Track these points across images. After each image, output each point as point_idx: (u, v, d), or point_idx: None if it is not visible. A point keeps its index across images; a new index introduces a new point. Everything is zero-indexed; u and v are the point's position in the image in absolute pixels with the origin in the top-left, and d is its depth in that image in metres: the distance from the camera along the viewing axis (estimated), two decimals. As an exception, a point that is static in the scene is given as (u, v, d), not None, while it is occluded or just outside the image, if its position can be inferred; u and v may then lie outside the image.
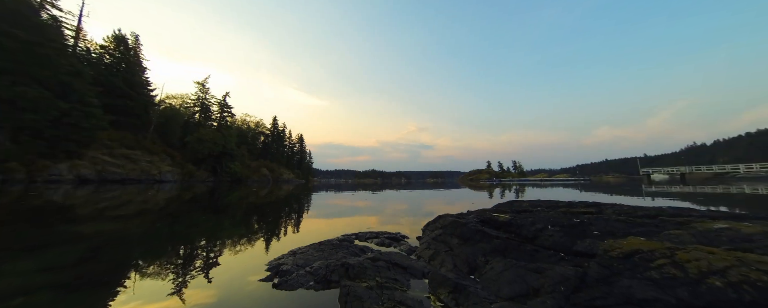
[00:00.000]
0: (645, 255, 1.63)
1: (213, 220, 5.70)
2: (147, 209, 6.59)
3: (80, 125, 19.16)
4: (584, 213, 3.20)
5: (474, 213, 4.01)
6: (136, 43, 31.56)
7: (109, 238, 3.56)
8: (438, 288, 2.02)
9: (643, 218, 2.80)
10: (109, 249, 3.12)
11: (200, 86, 40.83)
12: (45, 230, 3.90)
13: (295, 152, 70.61)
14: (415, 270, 2.39)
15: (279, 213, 7.04)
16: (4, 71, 15.36)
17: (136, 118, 29.52)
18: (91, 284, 2.13)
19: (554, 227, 2.58)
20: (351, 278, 2.13)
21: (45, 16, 19.30)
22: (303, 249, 2.97)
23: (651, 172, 47.84)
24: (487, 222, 3.24)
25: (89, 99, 20.11)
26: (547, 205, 4.18)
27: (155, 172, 25.97)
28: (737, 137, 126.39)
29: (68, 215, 5.66)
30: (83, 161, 19.93)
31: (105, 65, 27.88)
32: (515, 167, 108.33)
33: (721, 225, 2.11)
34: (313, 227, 5.00)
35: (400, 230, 4.46)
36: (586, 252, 2.09)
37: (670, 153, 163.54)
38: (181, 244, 3.65)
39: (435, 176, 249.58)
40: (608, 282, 1.55)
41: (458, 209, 5.15)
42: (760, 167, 34.38)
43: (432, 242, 3.12)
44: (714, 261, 1.43)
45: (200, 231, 4.63)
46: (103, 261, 2.71)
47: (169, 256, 3.07)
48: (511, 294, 1.80)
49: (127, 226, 4.55)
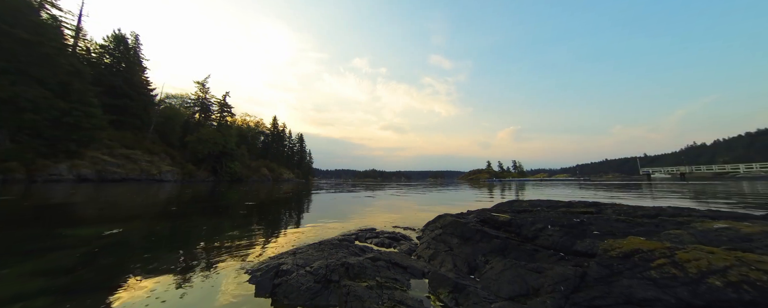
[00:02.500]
0: (645, 255, 1.63)
1: (213, 220, 5.70)
2: (147, 209, 6.58)
3: (80, 125, 19.16)
4: (584, 213, 3.20)
5: (474, 213, 4.01)
6: (136, 43, 31.56)
7: (108, 241, 3.53)
8: (438, 287, 2.02)
9: (643, 217, 2.80)
10: (108, 251, 3.10)
11: (200, 86, 40.83)
12: (43, 232, 3.88)
13: (295, 151, 70.65)
14: (415, 270, 2.39)
15: (279, 213, 7.04)
16: (4, 71, 15.35)
17: (136, 118, 29.53)
18: (90, 288, 2.11)
19: (554, 226, 2.58)
20: (351, 278, 2.13)
21: (45, 15, 19.29)
22: (303, 249, 2.97)
23: (651, 172, 47.85)
24: (487, 222, 3.24)
25: (89, 99, 20.11)
26: (547, 205, 4.18)
27: (155, 172, 25.97)
28: (737, 137, 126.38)
29: (67, 216, 5.66)
30: (83, 160, 19.93)
31: (105, 65, 27.87)
32: (515, 166, 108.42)
33: (721, 225, 2.11)
34: (313, 226, 5.00)
35: (400, 230, 4.47)
36: (585, 251, 2.09)
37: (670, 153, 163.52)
38: (181, 245, 3.65)
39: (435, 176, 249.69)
40: (608, 281, 1.55)
41: (458, 209, 5.15)
42: (760, 166, 34.40)
43: (432, 242, 3.13)
44: (714, 261, 1.43)
45: (200, 231, 4.62)
46: (103, 263, 2.70)
47: (168, 258, 3.07)
48: (511, 294, 1.80)
49: (126, 227, 4.54)
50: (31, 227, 4.32)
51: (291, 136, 68.70)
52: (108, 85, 26.17)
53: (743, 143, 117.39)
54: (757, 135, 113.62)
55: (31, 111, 16.23)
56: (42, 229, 4.11)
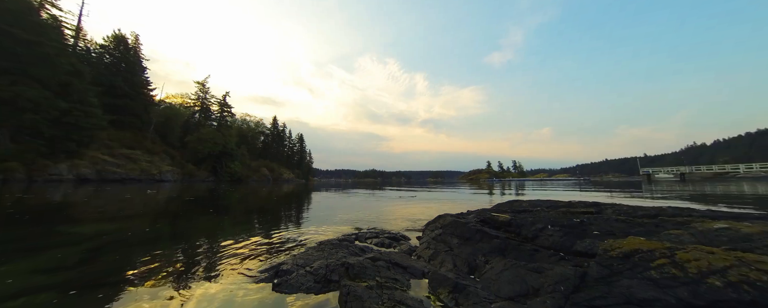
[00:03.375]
0: (645, 255, 1.63)
1: (213, 220, 5.70)
2: (147, 210, 6.56)
3: (80, 125, 19.17)
4: (584, 213, 3.20)
5: (474, 213, 4.01)
6: (136, 43, 31.56)
7: (110, 240, 3.54)
8: (438, 287, 2.02)
9: (643, 218, 2.80)
10: (109, 251, 3.11)
11: (200, 86, 40.84)
12: (45, 231, 3.89)
13: (295, 151, 70.61)
14: (415, 270, 2.39)
15: (279, 213, 7.04)
16: (4, 71, 15.35)
17: (136, 117, 29.53)
18: (92, 286, 2.13)
19: (554, 227, 2.58)
20: (351, 278, 2.13)
21: (45, 15, 19.28)
22: (303, 249, 2.98)
23: (651, 172, 47.85)
24: (486, 222, 3.24)
25: (89, 99, 20.12)
26: (547, 205, 4.17)
27: (155, 172, 25.97)
28: (737, 137, 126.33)
29: (68, 216, 5.66)
30: (83, 160, 19.93)
31: (105, 65, 27.87)
32: (515, 166, 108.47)
33: (721, 225, 2.11)
34: (313, 227, 5.00)
35: (400, 230, 4.47)
36: (586, 251, 2.09)
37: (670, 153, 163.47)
38: (181, 245, 3.65)
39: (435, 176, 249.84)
40: (608, 281, 1.55)
41: (458, 208, 5.15)
42: (760, 167, 34.40)
43: (432, 242, 3.13)
44: (714, 261, 1.43)
45: (200, 231, 4.63)
46: (104, 263, 2.71)
47: (169, 257, 3.07)
48: (510, 294, 1.80)
49: (127, 227, 4.54)
50: (32, 225, 4.33)
51: (291, 136, 68.74)
52: (108, 85, 26.18)
53: (743, 143, 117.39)
54: (757, 135, 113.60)
55: (31, 111, 16.23)
56: (43, 228, 4.12)
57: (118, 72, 28.27)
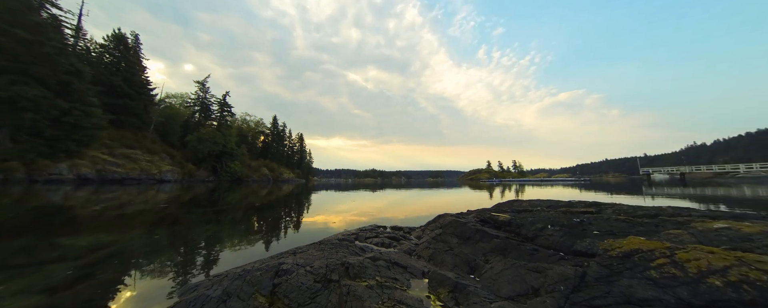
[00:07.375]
0: (645, 255, 1.63)
1: (213, 220, 5.71)
2: (146, 216, 6.39)
3: (80, 125, 19.15)
4: (584, 213, 3.20)
5: (474, 213, 4.01)
6: (136, 43, 31.54)
7: (107, 253, 3.29)
8: (438, 287, 2.02)
9: (643, 217, 2.80)
10: (106, 267, 2.85)
11: (200, 86, 40.82)
12: (41, 243, 3.63)
13: (295, 151, 70.58)
14: (415, 270, 2.39)
15: (279, 213, 7.04)
16: (4, 71, 15.34)
17: (136, 117, 29.51)
18: (89, 306, 2.02)
19: (554, 226, 2.58)
20: (351, 277, 2.13)
21: (45, 15, 19.27)
22: (303, 249, 2.98)
23: (651, 172, 47.82)
24: (486, 222, 3.24)
25: (89, 98, 20.10)
26: (547, 205, 4.17)
27: (155, 171, 25.96)
28: (737, 137, 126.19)
29: (67, 219, 5.65)
30: (83, 160, 19.93)
31: (105, 64, 27.85)
32: (515, 166, 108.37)
33: (720, 225, 2.11)
34: (313, 226, 5.01)
35: (400, 230, 4.46)
36: (585, 251, 2.09)
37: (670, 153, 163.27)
38: (182, 246, 3.64)
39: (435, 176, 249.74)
40: (608, 281, 1.56)
41: (458, 208, 5.15)
42: (760, 167, 34.37)
43: (432, 241, 3.13)
44: (714, 261, 1.43)
45: (200, 231, 4.63)
46: (102, 277, 2.56)
47: (169, 257, 3.07)
48: (510, 294, 1.80)
49: (126, 231, 4.46)
50: (28, 234, 4.09)
51: (291, 135, 68.70)
52: (108, 84, 26.17)
53: (743, 143, 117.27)
54: (757, 135, 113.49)
55: (31, 111, 16.22)
56: (38, 238, 3.87)
57: (118, 72, 28.26)
